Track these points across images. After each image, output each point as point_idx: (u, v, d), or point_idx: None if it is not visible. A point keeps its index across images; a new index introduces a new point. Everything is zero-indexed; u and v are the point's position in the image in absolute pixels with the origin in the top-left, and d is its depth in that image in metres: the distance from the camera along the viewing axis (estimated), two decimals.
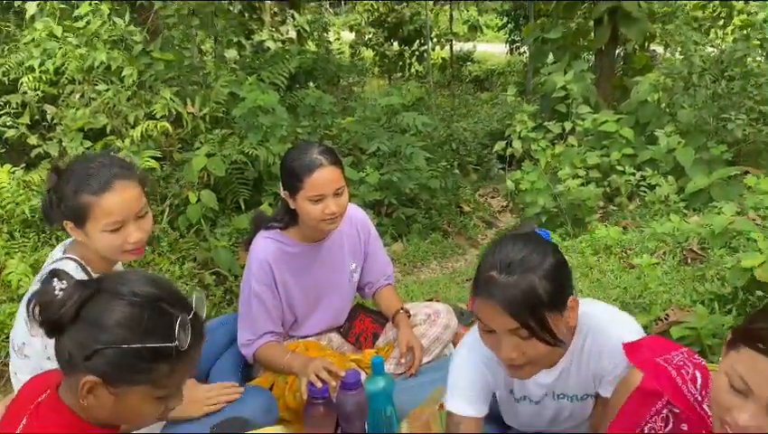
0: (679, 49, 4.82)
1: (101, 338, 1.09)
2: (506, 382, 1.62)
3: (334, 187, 2.01)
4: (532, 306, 1.31)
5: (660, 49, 7.52)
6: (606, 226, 3.84)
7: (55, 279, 1.13)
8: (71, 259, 1.77)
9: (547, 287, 1.32)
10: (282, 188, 2.09)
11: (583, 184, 4.33)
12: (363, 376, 2.02)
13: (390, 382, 2.00)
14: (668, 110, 4.70)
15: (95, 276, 1.63)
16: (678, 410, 1.29)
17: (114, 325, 1.10)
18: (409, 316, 2.32)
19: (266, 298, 2.15)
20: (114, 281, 1.13)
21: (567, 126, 4.64)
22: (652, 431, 1.32)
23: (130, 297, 1.12)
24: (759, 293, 2.32)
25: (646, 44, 7.32)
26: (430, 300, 2.99)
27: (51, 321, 1.10)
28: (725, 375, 1.08)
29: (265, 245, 2.15)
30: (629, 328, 1.50)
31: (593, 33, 6.29)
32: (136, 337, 1.10)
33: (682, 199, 3.99)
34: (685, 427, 1.27)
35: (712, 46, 4.89)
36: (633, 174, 4.29)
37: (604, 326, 1.50)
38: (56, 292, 1.11)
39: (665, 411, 1.31)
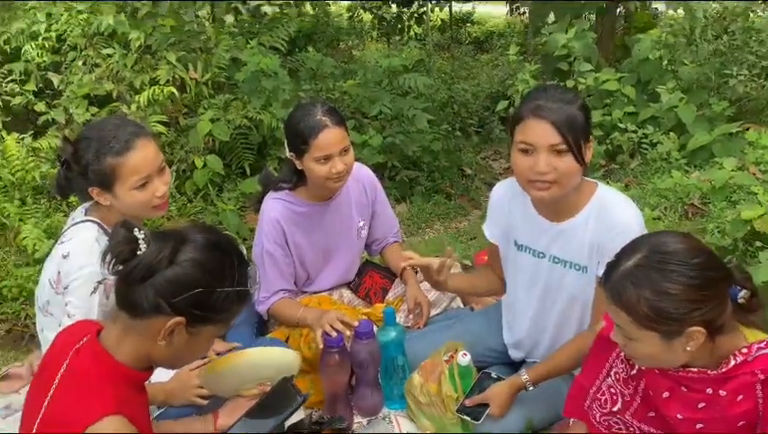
0: (682, 5, 4.78)
1: (197, 283, 1.18)
2: (513, 227, 1.92)
3: (340, 147, 2.06)
4: (573, 127, 1.64)
5: (662, 6, 7.43)
6: (609, 183, 3.87)
7: (135, 230, 1.18)
8: (93, 221, 1.82)
9: (582, 118, 1.67)
10: (288, 150, 2.13)
11: None
12: (375, 328, 2.09)
13: (401, 331, 2.07)
14: (669, 68, 4.67)
15: None
16: None
17: (224, 270, 1.21)
18: (417, 273, 2.38)
19: (278, 257, 2.21)
20: (193, 232, 1.22)
21: (569, 84, 4.63)
22: (617, 376, 1.47)
23: (215, 246, 1.22)
24: (758, 244, 2.38)
25: (648, 2, 7.23)
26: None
27: (147, 267, 1.16)
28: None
29: (274, 205, 2.20)
30: (635, 214, 1.72)
31: None
32: (228, 282, 1.21)
33: (683, 156, 4.00)
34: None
35: (714, 1, 4.84)
36: (635, 132, 4.30)
37: (612, 205, 1.74)
38: (140, 242, 1.18)
39: (623, 354, 1.45)
